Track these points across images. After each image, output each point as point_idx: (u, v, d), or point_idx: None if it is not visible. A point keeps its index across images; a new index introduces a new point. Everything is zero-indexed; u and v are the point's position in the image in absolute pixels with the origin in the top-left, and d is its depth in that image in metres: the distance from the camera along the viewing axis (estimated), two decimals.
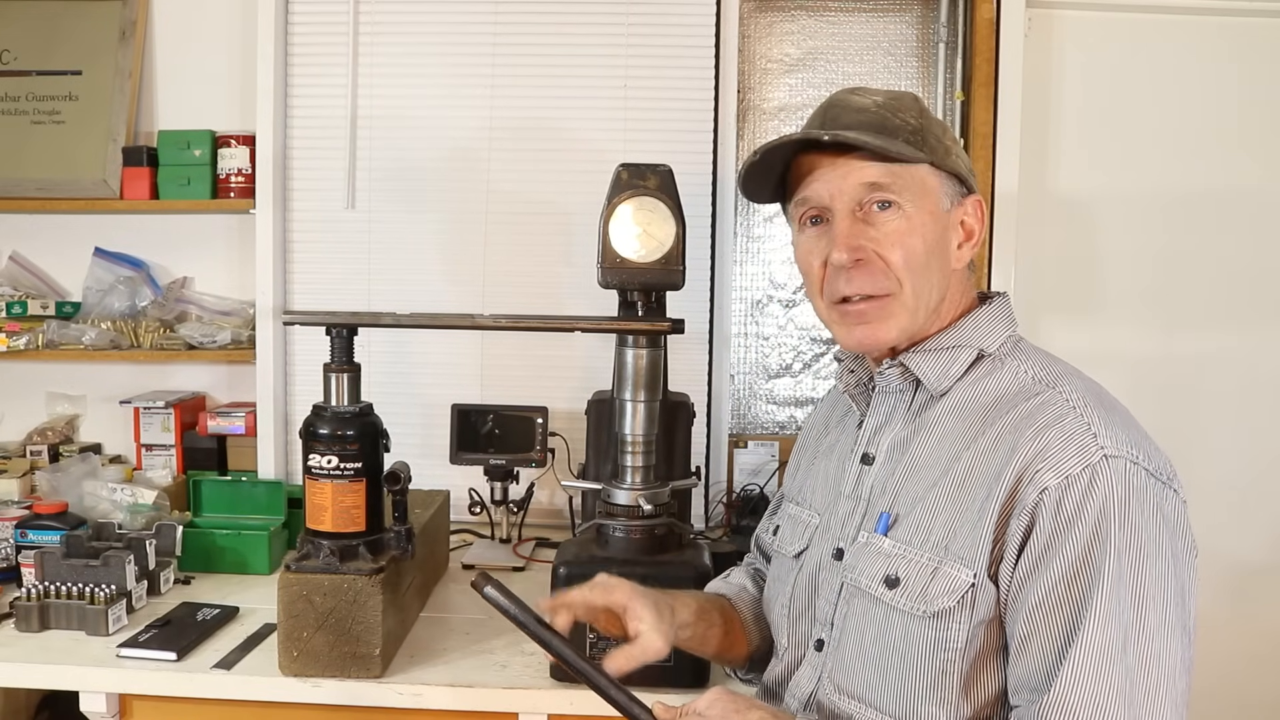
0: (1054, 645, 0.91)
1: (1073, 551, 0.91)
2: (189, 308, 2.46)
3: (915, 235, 1.03)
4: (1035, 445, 0.95)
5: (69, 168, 2.37)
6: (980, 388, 1.04)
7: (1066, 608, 0.91)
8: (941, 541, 0.99)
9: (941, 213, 1.05)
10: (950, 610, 0.96)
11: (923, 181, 1.04)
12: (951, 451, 1.02)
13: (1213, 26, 2.40)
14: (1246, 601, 2.47)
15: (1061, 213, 2.44)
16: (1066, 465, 0.93)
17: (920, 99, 1.09)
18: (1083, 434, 0.94)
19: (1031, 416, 0.97)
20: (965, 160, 1.08)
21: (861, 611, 1.04)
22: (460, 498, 2.20)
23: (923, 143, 1.04)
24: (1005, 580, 0.95)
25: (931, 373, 1.06)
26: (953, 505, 0.99)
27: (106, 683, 1.56)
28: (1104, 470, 0.92)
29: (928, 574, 0.98)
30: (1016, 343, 1.09)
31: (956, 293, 1.09)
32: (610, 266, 1.57)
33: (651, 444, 1.58)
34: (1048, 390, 1.00)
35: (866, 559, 1.04)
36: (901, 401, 1.10)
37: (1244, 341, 2.47)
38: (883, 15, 2.41)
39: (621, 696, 1.02)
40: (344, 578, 1.50)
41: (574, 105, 2.35)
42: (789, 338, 2.49)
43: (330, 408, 1.54)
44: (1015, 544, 0.94)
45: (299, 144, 2.38)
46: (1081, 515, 0.91)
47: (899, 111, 1.05)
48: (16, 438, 2.47)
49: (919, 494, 1.02)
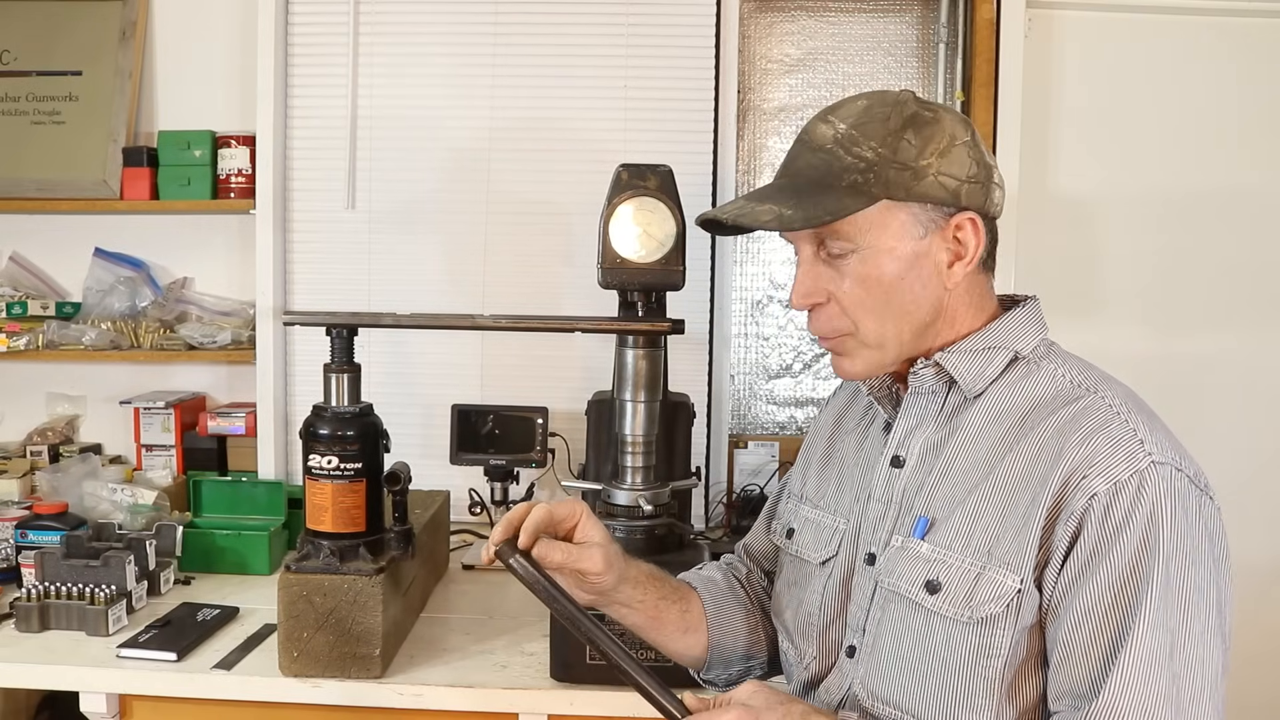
0: (1101, 651, 0.90)
1: (1121, 558, 0.90)
2: (189, 308, 2.46)
3: (871, 276, 1.01)
4: (1083, 451, 0.94)
5: (69, 168, 2.37)
6: (1016, 390, 1.03)
7: (1115, 614, 0.90)
8: (984, 546, 0.97)
9: (908, 245, 1.01)
10: (997, 616, 0.95)
11: (876, 220, 1.00)
12: (991, 455, 1.00)
13: (1212, 26, 2.40)
14: (1246, 601, 2.43)
15: (1061, 213, 2.44)
16: (1115, 471, 0.92)
17: (903, 107, 1.01)
18: (1130, 440, 0.93)
19: (1076, 421, 0.96)
20: (954, 173, 1.00)
21: (899, 617, 1.02)
22: (460, 498, 2.20)
23: (875, 181, 0.98)
24: (1049, 586, 0.94)
25: (968, 373, 1.04)
26: (996, 510, 0.98)
27: (106, 683, 1.56)
28: (1152, 476, 0.92)
29: (971, 579, 0.97)
30: (1050, 346, 1.08)
31: (962, 305, 1.06)
32: (610, 267, 1.57)
33: (651, 444, 1.58)
34: (1090, 395, 0.99)
35: (904, 563, 1.02)
36: (934, 404, 1.08)
37: (1244, 341, 2.47)
38: (883, 15, 2.41)
39: (651, 683, 0.98)
40: (344, 578, 1.50)
41: (574, 105, 2.35)
42: (789, 338, 2.49)
43: (330, 408, 1.54)
44: (1061, 550, 0.93)
45: (299, 144, 2.38)
46: (1131, 521, 0.91)
47: (855, 144, 0.99)
48: (16, 438, 2.47)
49: (958, 498, 1.01)
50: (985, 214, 1.03)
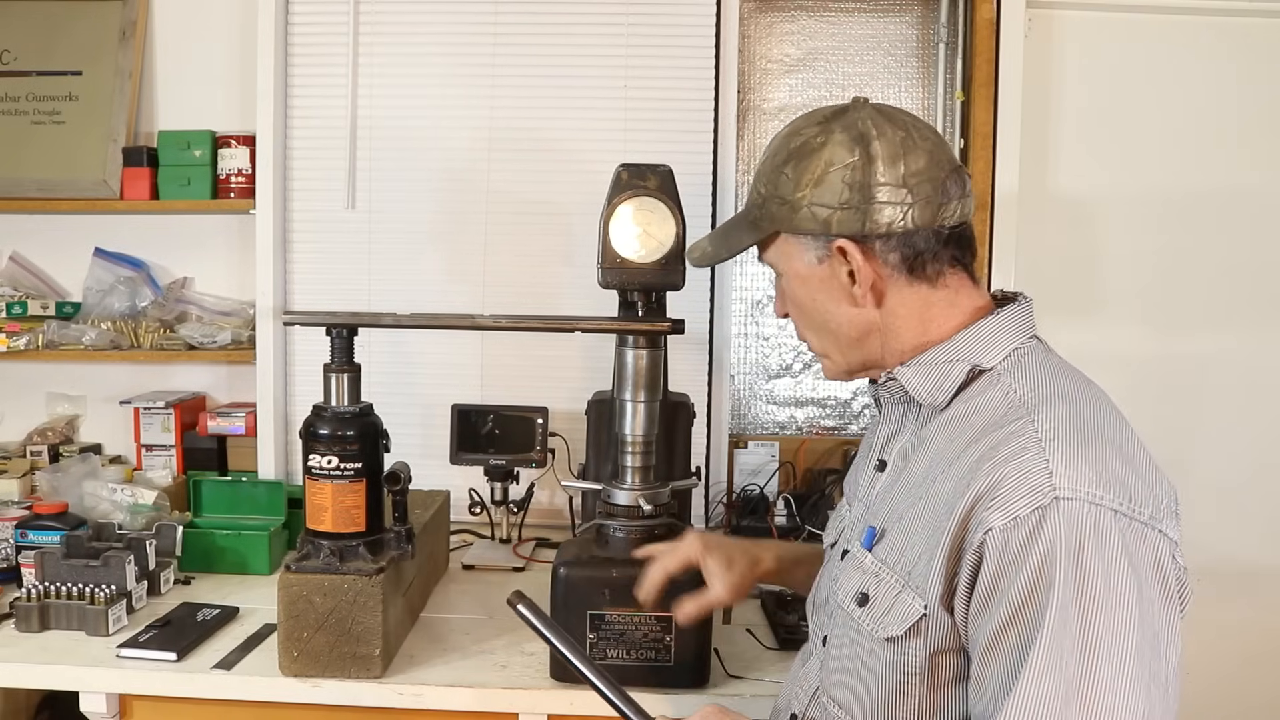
0: (994, 692, 0.88)
1: (1017, 597, 0.86)
2: (189, 308, 2.46)
3: (793, 299, 1.11)
4: (989, 481, 0.90)
5: (69, 168, 2.37)
6: (972, 405, 0.99)
7: (1011, 655, 0.87)
8: (907, 566, 0.97)
9: (810, 269, 1.06)
10: (900, 638, 0.96)
11: (783, 249, 1.08)
12: (933, 472, 0.98)
13: (1213, 27, 2.40)
14: (1245, 601, 2.47)
15: (1061, 213, 2.44)
16: (1015, 506, 0.87)
17: (793, 139, 1.04)
18: (1039, 472, 0.88)
19: (996, 448, 0.92)
20: (826, 201, 1.01)
21: (841, 623, 1.06)
22: (460, 498, 2.20)
23: (765, 215, 1.07)
24: (960, 615, 0.92)
25: (921, 387, 1.03)
26: (924, 530, 0.96)
27: (106, 683, 1.56)
28: (1053, 513, 0.86)
29: (892, 597, 0.97)
30: (1023, 356, 1.02)
31: (900, 320, 1.04)
32: (610, 267, 1.57)
33: (651, 444, 1.58)
34: (1021, 419, 0.94)
35: (848, 572, 1.05)
36: (910, 410, 1.07)
37: (1244, 341, 2.47)
38: (883, 15, 2.41)
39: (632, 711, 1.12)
40: (344, 578, 1.50)
41: (574, 105, 2.35)
42: (789, 338, 2.49)
43: (330, 408, 1.54)
44: (966, 580, 0.91)
45: (299, 144, 2.38)
46: (1027, 559, 0.86)
47: (757, 182, 1.09)
48: (16, 438, 2.47)
49: (901, 512, 1.00)
50: (867, 235, 1.01)
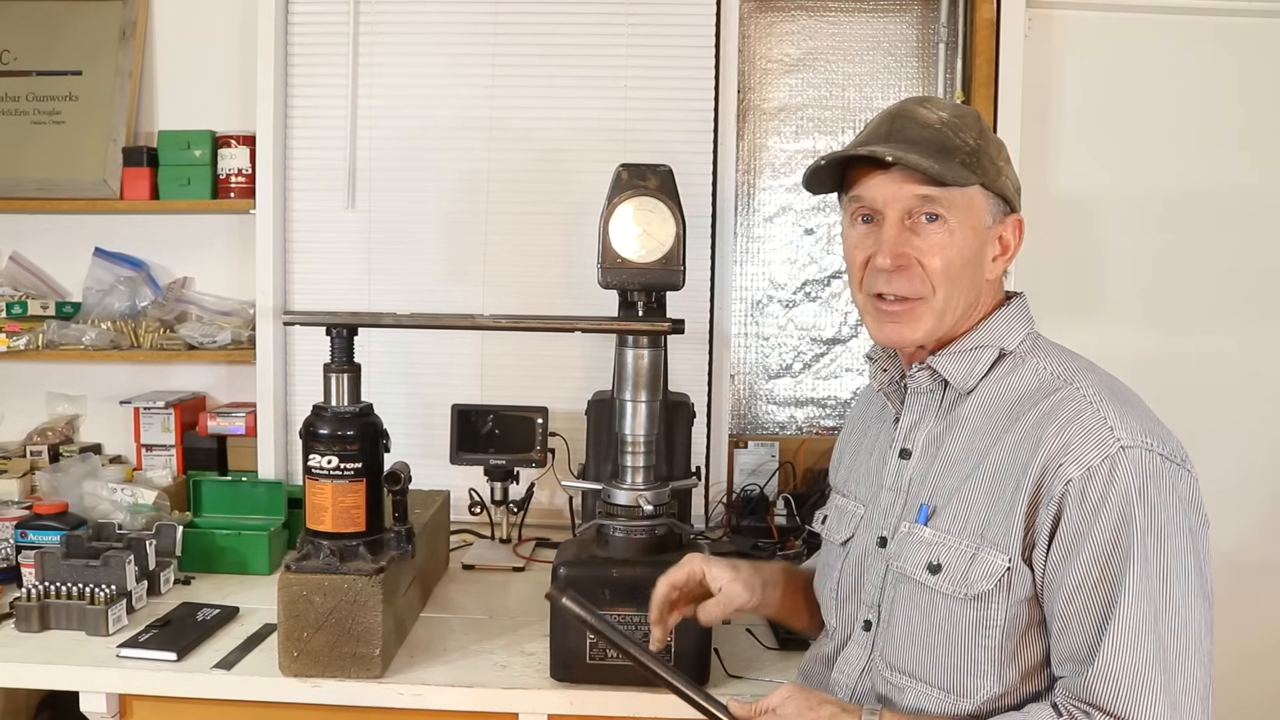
0: (1093, 622, 1.00)
1: (1102, 536, 1.00)
2: (189, 308, 2.46)
3: (955, 248, 1.11)
4: (1058, 440, 1.03)
5: (69, 168, 2.37)
6: (1004, 385, 1.13)
7: (1102, 588, 1.00)
8: (978, 530, 1.08)
9: (983, 229, 1.13)
10: (989, 593, 1.06)
11: (971, 200, 1.12)
12: (982, 446, 1.11)
13: (1213, 26, 2.40)
14: (1245, 600, 2.47)
15: (1061, 213, 2.44)
16: (1087, 458, 1.01)
17: (982, 118, 1.16)
18: (1100, 428, 1.03)
19: (1052, 413, 1.06)
20: (1014, 180, 1.16)
21: (908, 595, 1.14)
22: (460, 498, 2.20)
23: (977, 165, 1.11)
24: (1039, 565, 1.04)
25: (957, 374, 1.15)
26: (986, 497, 1.08)
27: (106, 683, 1.56)
28: (1122, 460, 1.01)
29: (966, 560, 1.08)
30: (1035, 340, 1.17)
31: (987, 298, 1.17)
32: (610, 266, 1.57)
33: (652, 444, 1.58)
34: (1066, 387, 1.08)
35: (910, 547, 1.14)
36: (933, 400, 1.19)
37: (1244, 341, 2.47)
38: (883, 15, 2.41)
39: (700, 695, 1.11)
40: (344, 578, 1.50)
41: (574, 105, 2.35)
42: (789, 338, 2.49)
43: (330, 408, 1.54)
44: (1046, 532, 1.03)
45: (299, 144, 2.38)
46: (1106, 502, 1.00)
47: (960, 131, 1.12)
48: (16, 438, 2.47)
49: (954, 486, 1.11)
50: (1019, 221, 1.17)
